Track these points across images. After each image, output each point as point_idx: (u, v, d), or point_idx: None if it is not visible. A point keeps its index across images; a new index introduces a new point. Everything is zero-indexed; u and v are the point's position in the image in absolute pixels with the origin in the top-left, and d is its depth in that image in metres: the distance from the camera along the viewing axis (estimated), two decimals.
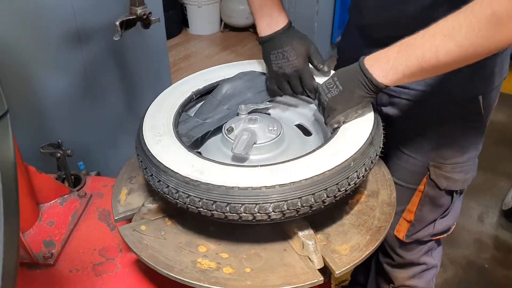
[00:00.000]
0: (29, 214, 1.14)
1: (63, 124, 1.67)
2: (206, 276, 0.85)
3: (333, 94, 0.93)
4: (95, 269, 1.06)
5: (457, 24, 0.75)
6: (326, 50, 3.86)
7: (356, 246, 0.89)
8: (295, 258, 0.90)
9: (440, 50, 0.77)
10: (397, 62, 0.83)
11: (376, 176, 1.08)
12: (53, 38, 1.54)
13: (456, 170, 1.15)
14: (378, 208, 0.99)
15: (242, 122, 1.03)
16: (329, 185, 0.82)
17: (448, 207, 1.21)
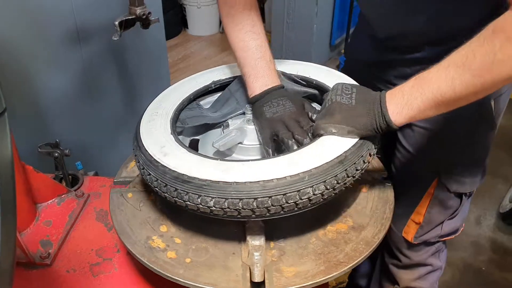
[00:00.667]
0: (26, 214, 1.14)
1: (61, 123, 1.67)
2: (150, 254, 0.90)
3: (342, 101, 0.87)
4: (92, 269, 1.06)
5: (471, 53, 0.73)
6: (325, 52, 3.86)
7: (303, 273, 0.84)
8: (238, 264, 0.87)
9: (455, 82, 0.74)
10: (412, 96, 0.79)
11: (374, 211, 0.97)
12: (52, 37, 1.54)
13: (466, 173, 1.15)
14: (353, 244, 0.90)
15: (241, 121, 1.03)
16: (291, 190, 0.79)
17: (456, 209, 1.21)
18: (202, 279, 0.84)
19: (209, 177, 0.80)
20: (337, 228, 0.94)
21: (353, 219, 0.96)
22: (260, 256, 0.87)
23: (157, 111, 1.02)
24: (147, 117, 1.00)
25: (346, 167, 0.82)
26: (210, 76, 1.16)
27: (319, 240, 0.92)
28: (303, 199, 0.79)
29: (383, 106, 0.82)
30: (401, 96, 0.81)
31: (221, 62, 4.00)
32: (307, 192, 0.79)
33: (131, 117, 1.87)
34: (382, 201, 0.99)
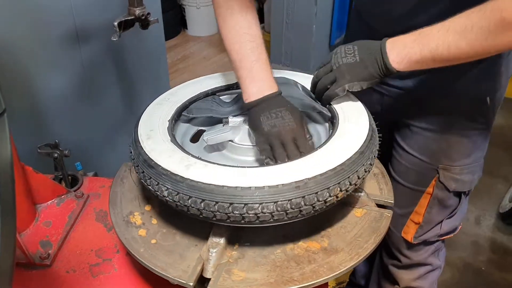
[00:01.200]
0: (26, 214, 1.14)
1: (60, 124, 1.67)
2: (124, 227, 0.94)
3: (348, 61, 0.94)
4: (92, 270, 1.06)
5: (470, 24, 0.81)
6: (324, 52, 3.86)
7: (250, 281, 0.83)
8: (195, 256, 0.88)
9: (451, 46, 0.83)
10: (412, 50, 0.88)
11: (356, 238, 0.90)
12: (51, 38, 1.54)
13: (464, 171, 1.16)
14: (316, 265, 0.85)
15: (241, 119, 1.03)
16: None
17: (455, 208, 1.22)
18: (155, 261, 0.87)
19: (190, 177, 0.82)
20: (308, 246, 0.90)
21: (329, 241, 0.90)
22: (215, 253, 0.87)
23: (168, 98, 1.08)
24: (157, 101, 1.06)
25: (339, 180, 0.82)
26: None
27: (284, 253, 0.89)
28: (279, 211, 0.79)
29: (384, 56, 0.90)
30: (403, 48, 0.89)
31: (220, 63, 4.00)
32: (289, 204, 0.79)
33: (130, 118, 1.87)
34: (371, 230, 0.91)
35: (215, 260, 0.87)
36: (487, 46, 0.81)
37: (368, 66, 0.93)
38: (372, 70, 0.93)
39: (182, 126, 1.10)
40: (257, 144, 0.94)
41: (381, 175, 1.05)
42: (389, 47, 0.91)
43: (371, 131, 0.92)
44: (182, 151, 0.90)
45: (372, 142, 0.90)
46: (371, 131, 0.92)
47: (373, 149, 0.90)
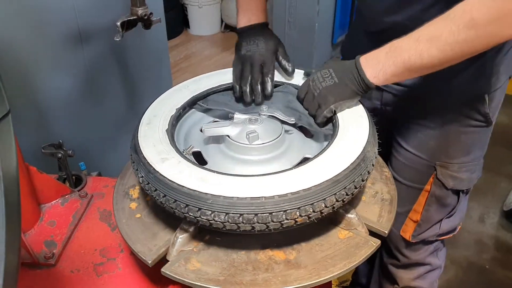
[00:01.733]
0: (30, 214, 1.15)
1: (64, 124, 1.67)
2: (120, 198, 1.02)
3: (327, 84, 0.96)
4: (96, 269, 1.06)
5: (438, 30, 0.81)
6: (327, 51, 3.86)
7: (201, 273, 0.85)
8: (166, 238, 0.92)
9: (423, 54, 0.83)
10: (386, 64, 0.88)
11: (326, 259, 0.88)
12: (54, 38, 1.54)
13: (462, 169, 1.16)
14: (269, 275, 0.85)
15: (246, 117, 1.03)
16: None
17: (454, 206, 1.22)
18: (130, 233, 0.93)
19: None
20: (274, 255, 0.89)
21: (297, 255, 0.89)
22: (181, 239, 0.89)
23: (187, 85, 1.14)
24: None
25: (335, 191, 0.81)
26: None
27: (247, 256, 0.89)
28: (275, 221, 0.79)
29: (361, 72, 0.92)
30: (377, 63, 0.90)
31: (223, 62, 4.00)
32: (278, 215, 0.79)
33: (134, 117, 1.86)
34: (345, 255, 0.87)
35: (179, 245, 0.89)
36: (459, 50, 0.81)
37: (348, 84, 0.94)
38: (353, 87, 0.94)
39: (197, 114, 1.14)
40: (233, 66, 1.12)
41: (389, 202, 0.99)
42: (363, 63, 0.92)
43: (362, 155, 0.87)
44: (170, 143, 0.93)
45: (359, 168, 0.85)
46: (362, 156, 0.87)
47: (355, 178, 0.84)
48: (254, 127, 1.01)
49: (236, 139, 1.00)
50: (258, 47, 1.10)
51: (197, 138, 1.08)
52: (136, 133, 0.96)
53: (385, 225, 0.94)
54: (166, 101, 1.08)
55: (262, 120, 1.03)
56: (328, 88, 0.96)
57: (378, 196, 1.00)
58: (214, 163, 1.00)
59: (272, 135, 1.00)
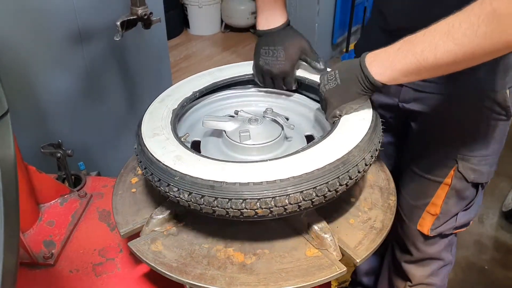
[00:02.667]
0: (29, 214, 1.14)
1: (63, 124, 1.67)
2: (127, 172, 1.11)
3: (330, 87, 0.93)
4: (95, 269, 1.06)
5: (457, 22, 0.74)
6: (326, 51, 3.86)
7: (160, 255, 0.88)
8: (146, 215, 0.96)
9: (438, 48, 0.76)
10: (396, 59, 0.82)
11: (282, 272, 0.86)
12: (54, 38, 1.54)
13: (482, 162, 1.15)
14: (220, 274, 0.85)
15: (249, 117, 1.03)
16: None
17: (472, 199, 1.21)
18: (119, 206, 0.99)
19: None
20: (233, 255, 0.89)
21: (256, 261, 0.88)
22: (155, 220, 0.93)
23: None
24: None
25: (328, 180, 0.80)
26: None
27: (208, 250, 0.90)
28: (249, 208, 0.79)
29: (365, 70, 0.86)
30: (386, 58, 0.84)
31: (223, 62, 3.99)
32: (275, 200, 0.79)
33: (133, 117, 1.88)
34: (302, 273, 0.85)
35: (152, 225, 0.93)
36: (477, 45, 0.74)
37: (350, 86, 0.90)
38: (356, 88, 0.89)
39: (214, 105, 1.18)
40: (254, 70, 1.12)
41: (377, 231, 0.93)
42: (370, 60, 0.87)
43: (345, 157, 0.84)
44: (170, 122, 0.97)
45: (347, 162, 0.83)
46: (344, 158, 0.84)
47: (342, 175, 0.82)
48: (251, 127, 1.00)
49: (230, 135, 1.00)
50: (277, 60, 1.07)
51: (202, 128, 1.09)
52: (146, 109, 1.02)
53: (360, 253, 0.88)
54: (185, 84, 1.12)
55: (262, 122, 1.03)
56: (331, 91, 0.93)
57: (368, 223, 0.95)
58: (208, 155, 1.01)
59: (266, 138, 0.99)
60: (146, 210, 0.98)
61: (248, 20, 4.41)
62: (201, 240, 0.92)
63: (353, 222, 0.96)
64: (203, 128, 1.07)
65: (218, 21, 4.59)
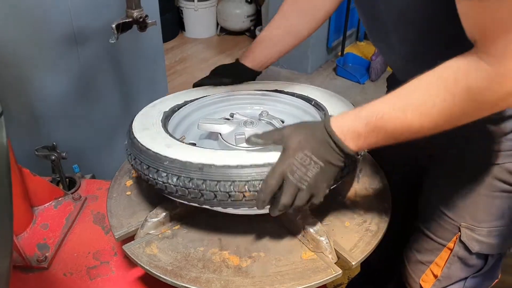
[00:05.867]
0: (23, 217, 1.14)
1: (58, 126, 1.66)
2: (121, 175, 1.12)
3: (314, 172, 0.79)
4: (89, 273, 1.05)
5: (431, 100, 0.70)
6: (321, 55, 3.87)
7: (155, 259, 0.88)
8: (142, 219, 0.96)
9: (413, 126, 0.72)
10: (368, 137, 0.77)
11: (278, 275, 0.85)
12: (49, 40, 1.53)
13: (493, 234, 1.00)
14: (215, 277, 0.85)
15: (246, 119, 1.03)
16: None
17: (481, 267, 1.07)
18: (114, 209, 0.99)
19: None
20: (229, 258, 0.89)
21: (251, 264, 0.88)
22: (150, 223, 0.94)
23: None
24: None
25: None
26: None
27: (203, 253, 0.90)
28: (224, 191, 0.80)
29: (345, 148, 0.78)
30: (357, 136, 0.77)
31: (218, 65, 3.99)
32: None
33: (128, 120, 1.86)
34: (298, 276, 0.85)
35: (147, 228, 0.93)
36: (455, 119, 0.71)
37: (335, 163, 0.80)
38: (339, 163, 0.81)
39: (210, 108, 1.18)
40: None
41: (372, 234, 0.93)
42: (340, 135, 0.78)
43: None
44: (161, 124, 0.98)
45: None
46: None
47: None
48: (247, 130, 1.00)
49: (226, 138, 1.00)
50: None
51: (198, 131, 1.09)
52: (139, 111, 1.05)
53: (356, 256, 0.88)
54: (179, 95, 1.15)
55: (258, 124, 1.03)
56: (317, 177, 0.79)
57: (364, 225, 0.95)
58: None
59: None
60: (141, 213, 0.98)
61: (244, 24, 4.42)
62: (196, 243, 0.92)
63: (348, 224, 0.96)
64: (198, 131, 1.07)
65: (213, 24, 4.59)
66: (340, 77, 3.73)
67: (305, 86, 1.20)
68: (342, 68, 3.70)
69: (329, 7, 1.13)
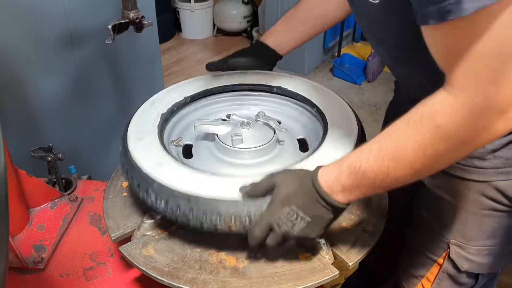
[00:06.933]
0: (19, 218, 1.13)
1: (54, 127, 1.66)
2: (118, 176, 1.11)
3: (301, 227, 0.79)
4: (86, 274, 1.05)
5: (403, 143, 0.68)
6: (318, 55, 3.88)
7: (152, 260, 0.89)
8: (138, 220, 0.97)
9: (391, 173, 0.71)
10: (353, 189, 0.76)
11: (275, 276, 0.86)
12: (45, 41, 1.53)
13: (483, 253, 0.98)
14: (212, 278, 0.85)
15: (243, 121, 1.03)
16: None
17: (472, 287, 1.05)
18: (110, 210, 0.99)
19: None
20: (225, 259, 0.89)
21: (248, 265, 0.88)
22: (146, 224, 0.93)
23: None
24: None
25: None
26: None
27: (200, 254, 0.90)
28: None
29: (333, 203, 0.78)
30: (342, 190, 0.77)
31: None
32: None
33: (125, 121, 1.86)
34: (295, 277, 0.85)
35: (144, 230, 0.93)
36: (431, 163, 0.68)
37: (324, 216, 0.80)
38: (328, 215, 0.80)
39: (206, 109, 1.18)
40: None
41: (368, 235, 0.93)
42: (328, 189, 0.78)
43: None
44: (157, 126, 0.98)
45: None
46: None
47: None
48: (243, 131, 1.01)
49: (223, 139, 1.00)
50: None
51: (194, 132, 1.09)
52: (136, 110, 1.05)
53: (352, 257, 0.88)
54: (178, 88, 1.13)
55: (254, 125, 1.03)
56: (304, 230, 0.80)
57: (361, 226, 0.95)
58: (200, 159, 1.02)
59: (258, 142, 0.99)
60: (137, 215, 0.98)
61: (241, 24, 4.42)
62: (193, 244, 0.92)
63: (345, 225, 0.96)
64: (195, 131, 1.07)
65: (210, 25, 4.59)
66: (337, 78, 3.74)
67: (301, 81, 1.18)
68: (338, 69, 3.71)
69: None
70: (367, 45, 4.01)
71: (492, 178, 0.91)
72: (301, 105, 1.14)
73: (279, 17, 1.20)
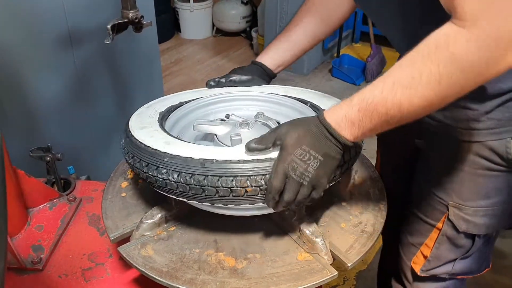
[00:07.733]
0: (18, 219, 1.13)
1: (53, 127, 1.66)
2: (117, 177, 1.12)
3: (314, 167, 0.80)
4: (84, 274, 1.05)
5: (417, 73, 0.69)
6: (317, 55, 3.88)
7: (150, 260, 0.88)
8: (137, 220, 0.97)
9: (403, 105, 0.72)
10: (362, 124, 0.77)
11: (273, 276, 0.85)
12: (44, 41, 1.53)
13: (479, 213, 1.03)
14: (211, 279, 0.85)
15: (241, 121, 1.03)
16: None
17: (469, 249, 1.10)
18: (109, 210, 0.99)
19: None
20: (225, 259, 0.89)
21: (247, 265, 0.88)
22: (146, 224, 0.94)
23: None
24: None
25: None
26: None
27: (199, 254, 0.90)
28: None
29: (341, 139, 0.80)
30: (351, 125, 0.78)
31: (214, 66, 4.00)
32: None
33: (124, 121, 1.86)
34: (294, 277, 0.84)
35: (142, 230, 0.93)
36: (444, 93, 0.70)
37: (334, 155, 0.81)
38: (338, 155, 0.82)
39: (207, 109, 1.17)
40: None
41: (368, 235, 0.94)
42: (336, 126, 0.79)
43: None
44: (158, 119, 0.99)
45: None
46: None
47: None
48: (242, 131, 1.01)
49: (222, 139, 1.00)
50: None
51: (193, 132, 1.09)
52: (135, 111, 1.05)
53: (351, 257, 0.88)
54: (174, 97, 1.14)
55: (253, 126, 1.03)
56: (318, 171, 0.80)
57: (359, 227, 0.95)
58: None
59: None
60: (136, 215, 0.98)
61: (240, 25, 4.42)
62: (192, 244, 0.92)
63: (344, 226, 0.96)
64: (194, 132, 1.07)
65: (209, 25, 4.59)
66: (336, 79, 3.74)
67: (300, 90, 1.20)
68: (337, 70, 3.71)
69: (344, 12, 1.18)
70: (366, 46, 4.01)
71: (486, 138, 0.95)
72: (300, 106, 1.14)
73: (278, 18, 1.21)
